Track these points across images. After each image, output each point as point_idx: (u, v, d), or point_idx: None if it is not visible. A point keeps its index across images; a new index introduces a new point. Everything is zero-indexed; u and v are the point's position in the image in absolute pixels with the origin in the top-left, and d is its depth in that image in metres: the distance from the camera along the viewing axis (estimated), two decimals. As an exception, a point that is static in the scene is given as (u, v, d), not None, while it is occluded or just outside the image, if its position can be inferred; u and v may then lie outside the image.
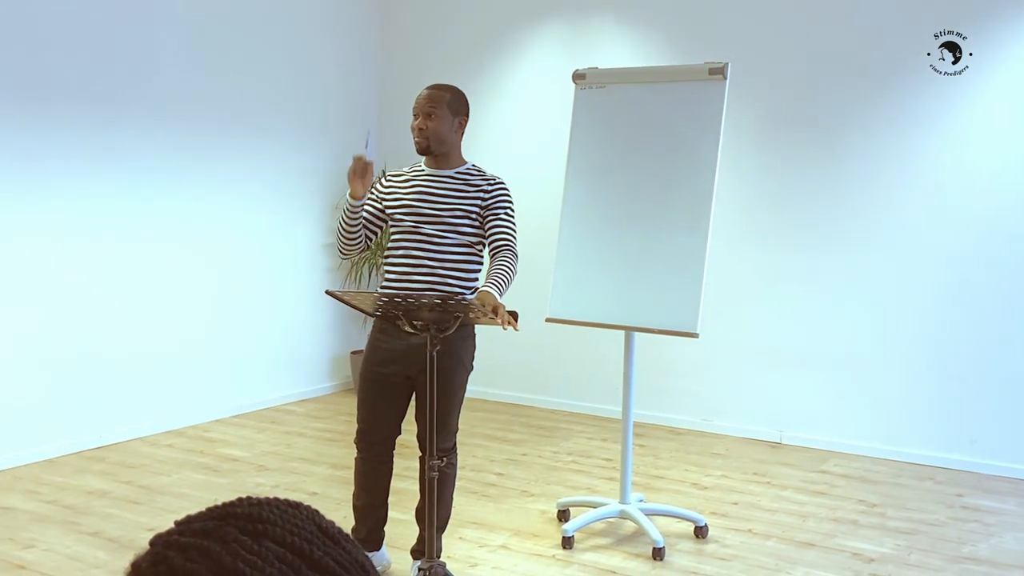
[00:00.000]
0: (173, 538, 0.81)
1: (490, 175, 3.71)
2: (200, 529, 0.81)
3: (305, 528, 0.83)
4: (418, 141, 3.65)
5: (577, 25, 6.49)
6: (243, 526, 0.81)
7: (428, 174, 3.69)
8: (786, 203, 5.86)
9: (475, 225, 3.62)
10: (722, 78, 4.20)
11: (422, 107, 3.66)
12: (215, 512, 0.84)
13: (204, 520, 0.83)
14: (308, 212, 6.86)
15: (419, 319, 3.24)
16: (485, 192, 3.63)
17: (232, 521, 0.82)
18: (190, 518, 0.84)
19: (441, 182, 3.65)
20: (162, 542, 0.81)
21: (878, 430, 5.64)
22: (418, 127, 3.64)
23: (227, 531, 0.80)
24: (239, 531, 0.80)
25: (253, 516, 0.82)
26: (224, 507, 0.85)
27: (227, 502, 0.86)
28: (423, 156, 3.71)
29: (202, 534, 0.81)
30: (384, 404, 3.68)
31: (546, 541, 4.25)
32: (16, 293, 5.15)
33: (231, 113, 6.23)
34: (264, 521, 0.82)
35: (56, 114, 5.26)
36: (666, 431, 6.15)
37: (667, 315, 4.16)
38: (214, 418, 6.23)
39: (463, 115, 3.72)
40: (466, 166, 3.72)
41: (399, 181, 3.74)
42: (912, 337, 5.53)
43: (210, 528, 0.81)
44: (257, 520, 0.82)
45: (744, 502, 4.81)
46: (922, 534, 4.41)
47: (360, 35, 7.19)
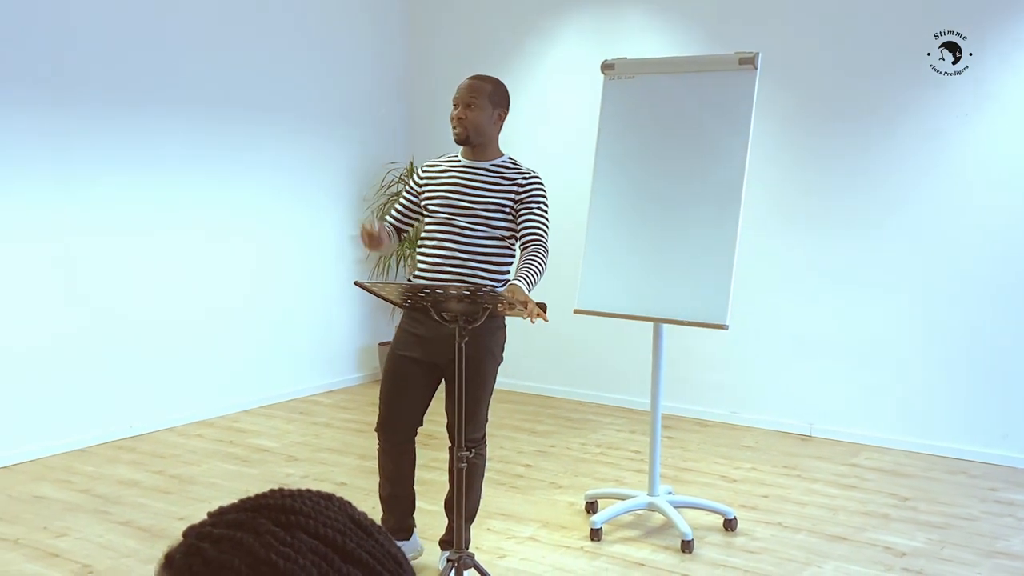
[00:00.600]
0: (206, 529, 0.81)
1: (526, 169, 3.69)
2: (233, 521, 0.81)
3: (338, 520, 0.83)
4: (457, 131, 3.63)
5: (605, 15, 6.45)
6: (276, 518, 0.81)
7: (464, 166, 3.68)
8: (817, 192, 5.81)
9: (508, 219, 3.61)
10: (752, 68, 4.16)
11: (463, 97, 3.63)
12: (248, 504, 0.83)
13: (237, 512, 0.83)
14: (337, 203, 6.88)
15: (448, 310, 3.23)
16: (519, 186, 3.62)
17: (265, 512, 0.82)
18: (223, 509, 0.84)
19: (476, 174, 3.64)
20: (195, 533, 0.81)
21: (910, 423, 5.58)
22: (457, 116, 3.62)
23: (260, 523, 0.80)
24: (272, 523, 0.80)
25: (286, 508, 0.82)
26: (257, 499, 0.84)
27: (259, 494, 0.85)
28: (460, 146, 3.70)
29: (235, 526, 0.80)
30: (408, 390, 3.66)
31: (574, 533, 4.24)
32: (47, 285, 5.20)
33: (260, 105, 6.25)
34: (297, 513, 0.82)
35: (89, 107, 5.30)
36: (694, 423, 6.12)
37: (696, 307, 4.14)
38: (243, 408, 6.27)
39: (503, 107, 3.70)
40: (502, 159, 3.70)
41: (436, 172, 3.72)
42: (945, 329, 5.47)
43: (243, 520, 0.81)
44: (290, 512, 0.82)
45: (774, 495, 4.78)
46: (955, 528, 4.36)
47: (388, 25, 7.19)
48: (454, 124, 3.64)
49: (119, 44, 5.43)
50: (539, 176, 3.70)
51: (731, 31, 5.94)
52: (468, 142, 3.65)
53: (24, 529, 4.20)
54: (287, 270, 6.56)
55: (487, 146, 3.68)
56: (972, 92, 5.30)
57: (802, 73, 5.79)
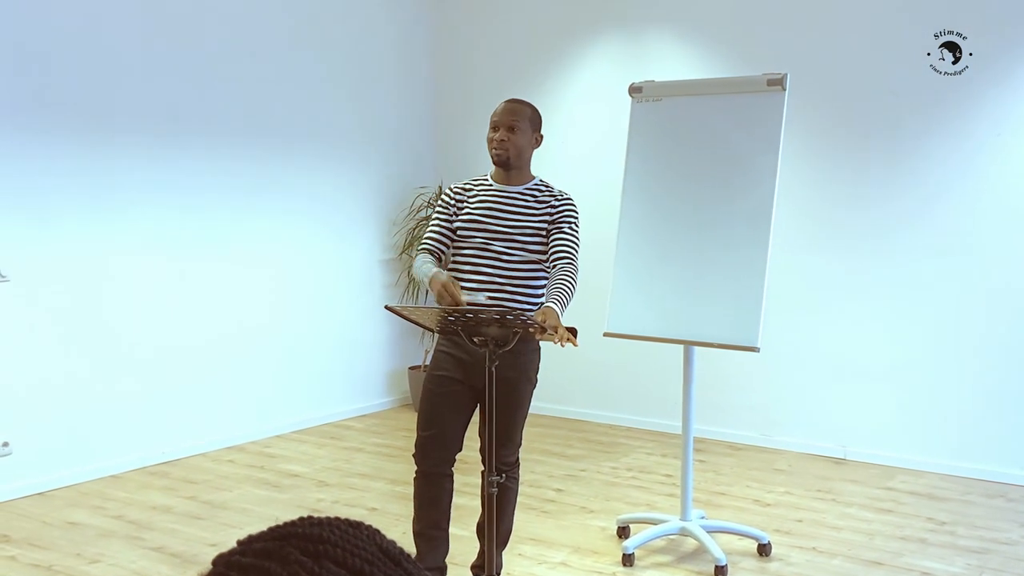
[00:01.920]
0: (235, 558, 0.81)
1: (558, 191, 3.69)
2: (261, 550, 0.81)
3: (366, 549, 0.83)
4: (499, 153, 3.61)
5: (632, 38, 6.46)
6: (303, 547, 0.81)
7: (498, 190, 3.66)
8: (847, 212, 5.76)
9: (543, 242, 3.61)
10: (781, 89, 4.15)
11: (505, 120, 3.62)
12: (276, 532, 0.83)
13: (265, 540, 0.82)
14: (365, 227, 6.91)
15: (480, 334, 3.23)
16: (553, 208, 3.62)
17: (293, 541, 0.81)
18: (252, 538, 0.84)
19: (511, 198, 3.63)
20: (224, 562, 0.81)
21: (946, 446, 5.50)
22: (499, 139, 3.61)
23: (288, 552, 0.80)
24: (300, 551, 0.80)
25: (313, 536, 0.82)
26: (285, 527, 0.84)
27: (288, 522, 0.85)
28: (499, 168, 3.67)
29: (263, 555, 0.80)
30: (449, 413, 3.61)
31: (606, 558, 4.21)
32: (80, 313, 5.25)
33: (290, 132, 6.31)
34: (324, 542, 0.81)
35: (121, 133, 5.37)
36: (726, 446, 6.07)
37: (727, 329, 4.11)
38: (275, 433, 6.29)
39: (539, 131, 3.72)
40: (534, 181, 3.70)
41: (468, 195, 3.69)
42: (980, 348, 5.40)
43: (271, 549, 0.81)
44: (317, 540, 0.81)
45: (808, 519, 4.72)
46: (994, 553, 4.28)
47: (415, 50, 7.24)
48: (495, 147, 3.62)
49: (150, 75, 5.50)
50: (572, 198, 3.70)
51: (757, 52, 5.92)
52: (508, 165, 3.64)
53: (58, 555, 4.22)
54: (318, 295, 6.59)
55: (523, 169, 3.68)
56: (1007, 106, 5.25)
57: (830, 91, 5.76)
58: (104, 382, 5.36)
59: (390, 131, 7.06)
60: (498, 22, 7.04)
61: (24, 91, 4.97)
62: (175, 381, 5.72)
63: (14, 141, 4.94)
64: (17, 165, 4.96)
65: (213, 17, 5.82)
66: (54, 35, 5.06)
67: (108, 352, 5.38)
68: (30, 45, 4.98)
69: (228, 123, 5.93)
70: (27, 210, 5.01)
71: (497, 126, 3.63)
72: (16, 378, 5.00)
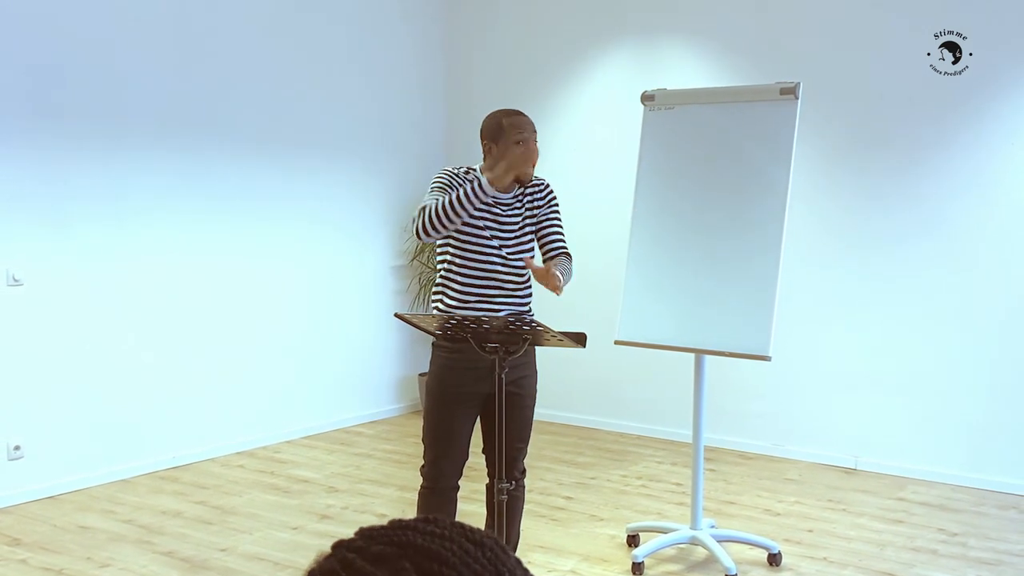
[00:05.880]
0: (351, 557, 0.79)
1: (536, 178, 3.64)
2: (378, 555, 0.79)
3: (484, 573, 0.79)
4: (532, 170, 3.53)
5: (645, 45, 6.46)
6: (420, 564, 0.78)
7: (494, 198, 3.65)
8: (860, 221, 5.75)
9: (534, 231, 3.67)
10: (794, 98, 4.14)
11: (533, 134, 3.54)
12: (397, 536, 0.81)
13: (385, 543, 0.80)
14: (377, 234, 6.92)
15: (490, 341, 3.23)
16: (539, 198, 3.65)
17: (411, 554, 0.79)
18: (372, 534, 0.81)
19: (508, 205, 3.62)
20: (340, 559, 0.79)
21: (958, 456, 5.47)
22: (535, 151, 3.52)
23: (402, 565, 0.77)
24: (415, 569, 0.77)
25: (433, 553, 0.79)
26: (407, 531, 0.81)
27: (412, 524, 0.82)
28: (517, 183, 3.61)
29: (379, 561, 0.78)
30: (458, 429, 3.58)
31: (615, 567, 4.20)
32: (90, 318, 5.28)
33: (301, 136, 6.33)
34: (443, 563, 0.78)
35: (136, 140, 5.40)
36: (736, 455, 6.05)
37: (738, 338, 4.10)
38: (285, 439, 6.29)
39: None
40: None
41: None
42: (993, 359, 5.37)
43: (388, 556, 0.78)
44: (436, 559, 0.78)
45: (819, 529, 4.70)
46: (1006, 565, 4.26)
47: (429, 57, 7.25)
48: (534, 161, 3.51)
49: (167, 85, 5.53)
50: (549, 183, 3.72)
51: (770, 61, 5.92)
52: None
53: (68, 559, 4.24)
54: (328, 301, 6.60)
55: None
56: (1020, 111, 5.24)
57: (843, 101, 5.75)
58: (115, 386, 5.38)
59: (402, 138, 7.08)
60: (511, 31, 7.06)
61: (38, 99, 5.00)
62: (186, 386, 5.73)
63: (32, 148, 4.98)
64: (34, 172, 4.99)
65: (228, 27, 5.84)
66: (71, 46, 5.09)
67: (119, 357, 5.40)
68: (47, 56, 5.01)
69: (242, 131, 5.95)
70: (41, 216, 5.04)
71: (528, 141, 3.51)
72: (28, 382, 5.02)
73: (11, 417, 4.97)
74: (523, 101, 6.50)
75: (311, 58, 6.37)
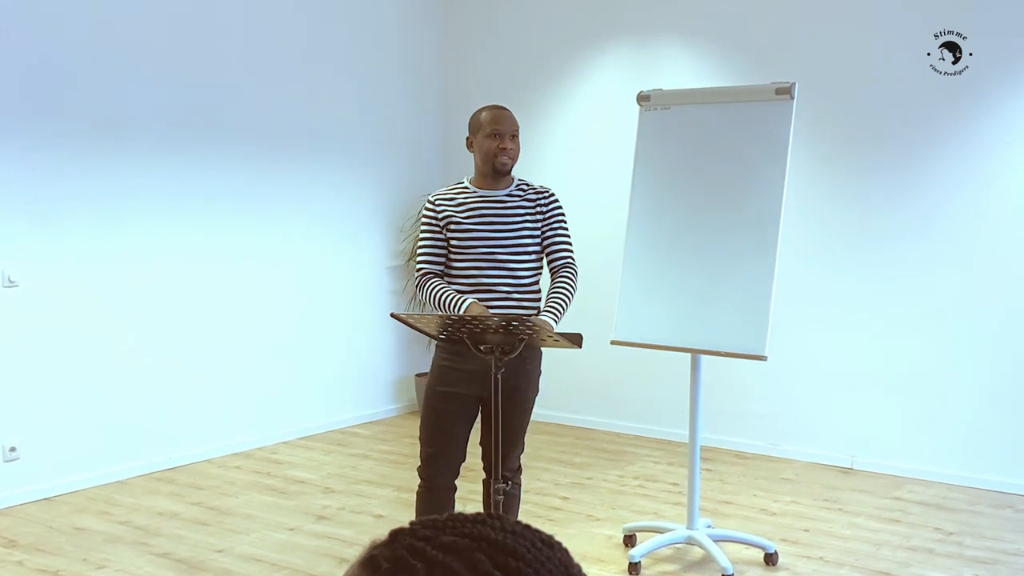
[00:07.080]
0: (420, 545, 0.77)
1: (540, 188, 3.71)
2: (450, 545, 0.77)
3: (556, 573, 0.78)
4: (504, 161, 3.60)
5: (641, 46, 6.47)
6: (495, 558, 0.77)
7: (485, 196, 3.64)
8: (856, 220, 5.75)
9: (537, 241, 3.64)
10: (789, 98, 4.15)
11: (509, 127, 3.62)
12: (468, 529, 0.80)
13: (456, 534, 0.79)
14: (373, 235, 6.92)
15: (486, 342, 3.23)
16: (543, 207, 3.65)
17: (485, 547, 0.78)
18: (440, 524, 0.80)
19: (502, 203, 3.63)
20: (408, 546, 0.78)
21: (954, 456, 5.48)
22: (506, 147, 3.59)
23: (478, 558, 0.76)
24: (491, 562, 0.76)
25: (507, 548, 0.78)
26: (479, 524, 0.80)
27: (482, 517, 0.81)
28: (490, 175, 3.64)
29: (451, 551, 0.77)
30: (455, 429, 3.60)
31: (612, 567, 4.20)
32: (87, 319, 5.27)
33: (296, 138, 6.33)
34: (518, 557, 0.77)
35: (130, 141, 5.40)
36: (733, 455, 6.05)
37: (734, 338, 4.10)
38: (281, 440, 6.29)
39: None
40: (516, 182, 3.71)
41: (453, 206, 3.64)
42: (989, 358, 5.38)
43: (461, 547, 0.77)
44: (511, 554, 0.77)
45: (815, 529, 4.71)
46: (1002, 564, 4.26)
47: (424, 57, 7.25)
48: (506, 156, 3.59)
49: (165, 85, 5.52)
50: (554, 192, 3.74)
51: (766, 61, 5.92)
52: (509, 172, 3.65)
53: (65, 560, 4.23)
54: (324, 301, 6.60)
55: (509, 174, 3.69)
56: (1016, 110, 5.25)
57: (839, 101, 5.75)
58: (111, 387, 5.37)
59: (398, 138, 7.08)
60: (507, 31, 7.06)
61: (35, 99, 5.00)
62: (182, 387, 5.72)
63: (25, 149, 4.97)
64: (28, 173, 4.99)
65: (224, 27, 5.84)
66: (65, 44, 5.09)
67: (115, 357, 5.39)
68: (40, 55, 5.00)
69: (237, 132, 5.95)
70: (37, 217, 5.03)
71: (500, 134, 3.59)
72: (24, 383, 5.02)
73: (7, 418, 4.97)
74: (519, 101, 6.50)
75: (308, 60, 6.37)
